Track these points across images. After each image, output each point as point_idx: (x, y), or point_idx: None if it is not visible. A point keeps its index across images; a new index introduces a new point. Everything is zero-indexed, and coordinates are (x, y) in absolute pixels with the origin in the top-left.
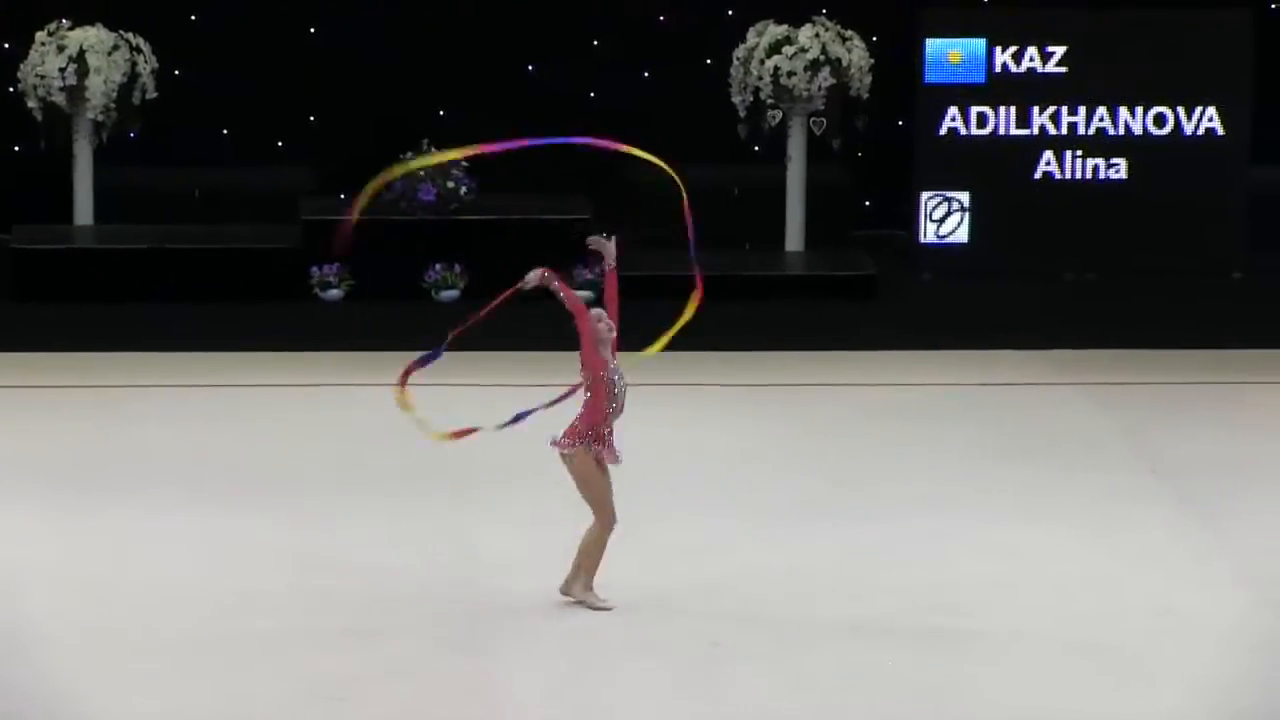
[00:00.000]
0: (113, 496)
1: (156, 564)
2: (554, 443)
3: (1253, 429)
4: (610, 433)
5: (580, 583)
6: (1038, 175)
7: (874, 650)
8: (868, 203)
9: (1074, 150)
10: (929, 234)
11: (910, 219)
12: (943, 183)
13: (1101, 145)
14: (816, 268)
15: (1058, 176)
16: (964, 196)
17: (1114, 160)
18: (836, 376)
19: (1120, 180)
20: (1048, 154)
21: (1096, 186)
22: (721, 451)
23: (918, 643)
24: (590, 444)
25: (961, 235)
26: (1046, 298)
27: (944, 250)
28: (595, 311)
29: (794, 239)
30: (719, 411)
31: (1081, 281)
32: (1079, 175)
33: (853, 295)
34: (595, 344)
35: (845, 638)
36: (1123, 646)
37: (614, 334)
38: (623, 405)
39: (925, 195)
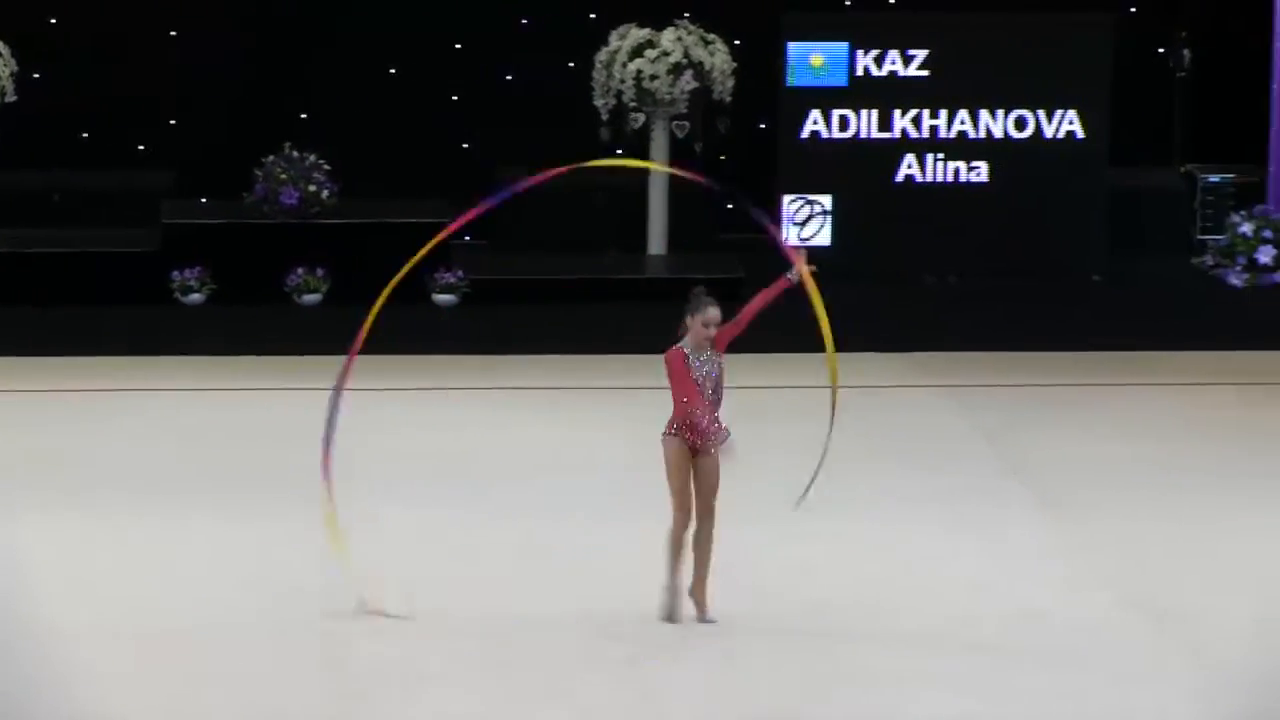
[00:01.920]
0: None
1: None
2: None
3: (1112, 430)
4: (708, 421)
5: (687, 584)
6: (899, 178)
7: (742, 648)
8: (730, 206)
9: (935, 153)
10: (792, 237)
11: (773, 222)
12: (805, 186)
13: (963, 148)
14: (679, 270)
15: (919, 179)
16: (826, 199)
17: (975, 163)
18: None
19: (981, 183)
20: (909, 157)
21: (958, 189)
22: (587, 452)
23: (785, 642)
24: (681, 434)
25: (824, 238)
26: (908, 300)
27: (806, 253)
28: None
29: (657, 242)
30: (584, 414)
31: (943, 284)
32: (940, 178)
33: (718, 298)
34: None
35: (712, 637)
36: (986, 646)
37: (712, 331)
38: (709, 395)
39: (787, 198)
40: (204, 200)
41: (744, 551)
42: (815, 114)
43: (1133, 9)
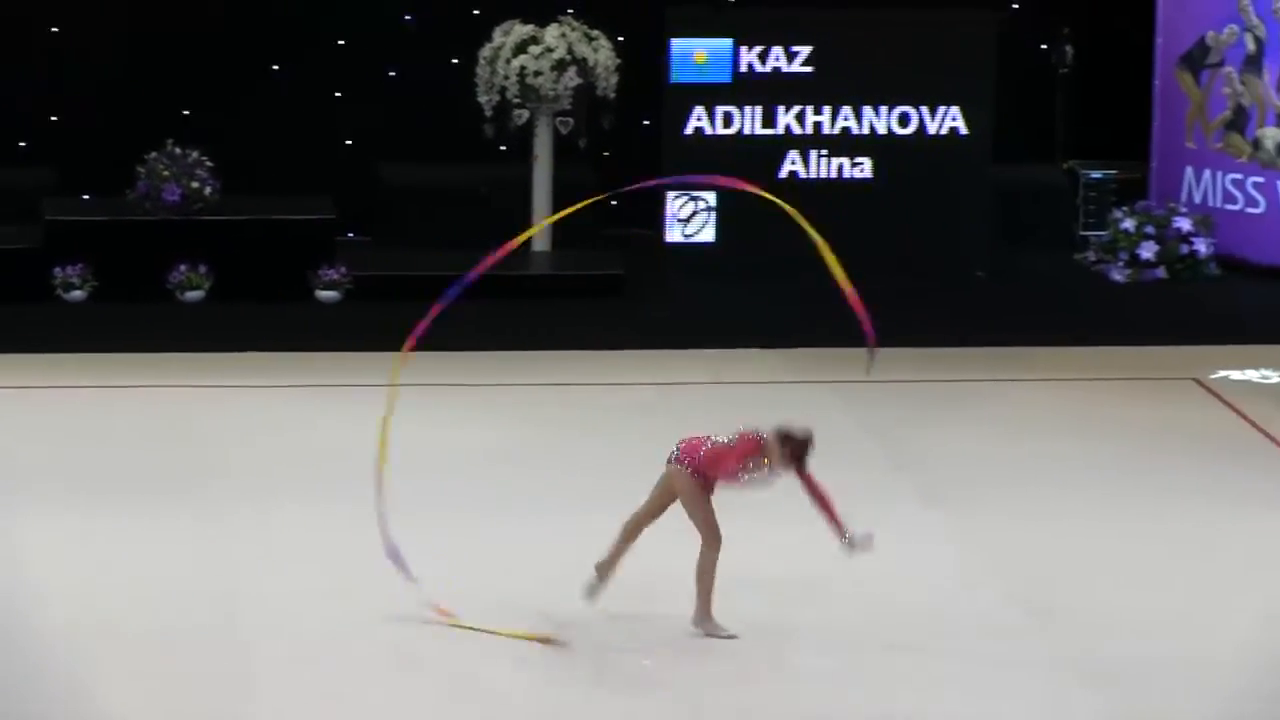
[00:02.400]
0: None
1: None
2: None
3: (996, 426)
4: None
5: (700, 612)
6: (783, 174)
7: (628, 646)
8: (615, 202)
9: (819, 149)
10: (676, 233)
11: (656, 219)
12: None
13: (846, 144)
14: (563, 267)
15: (803, 175)
16: (710, 196)
17: (859, 160)
18: (585, 376)
19: (865, 180)
20: (793, 153)
21: (842, 185)
22: (471, 450)
23: (676, 641)
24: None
25: (708, 235)
26: (792, 296)
27: (690, 250)
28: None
29: (540, 238)
30: (468, 412)
31: (827, 280)
32: (824, 174)
33: (600, 294)
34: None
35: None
36: (872, 642)
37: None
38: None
39: (671, 195)
40: (86, 197)
41: (635, 553)
42: (699, 110)
43: (1016, 6)
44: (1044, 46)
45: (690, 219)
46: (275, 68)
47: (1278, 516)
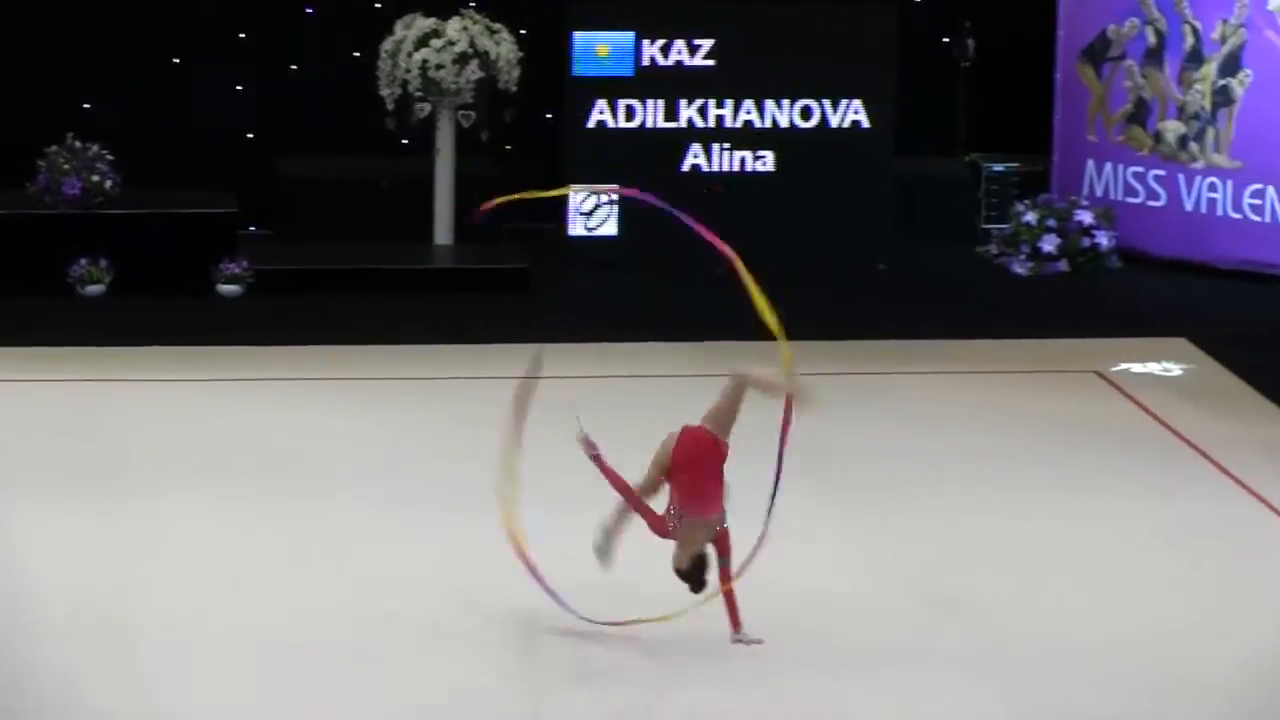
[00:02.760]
0: None
1: None
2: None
3: (898, 420)
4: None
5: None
6: (685, 168)
7: (533, 640)
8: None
9: (721, 143)
10: (578, 227)
11: (559, 212)
12: (591, 176)
13: (749, 138)
14: (465, 261)
15: (705, 169)
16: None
17: (761, 153)
18: (489, 370)
19: (768, 173)
20: (695, 147)
21: (744, 179)
22: (370, 444)
23: (574, 637)
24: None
25: (611, 228)
26: (695, 290)
27: (593, 243)
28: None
29: (443, 232)
30: (367, 405)
31: (729, 273)
32: (726, 167)
33: (503, 288)
34: (644, 508)
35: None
36: (779, 635)
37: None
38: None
39: (574, 188)
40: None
41: (551, 546)
42: (601, 104)
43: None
44: (946, 40)
45: (593, 213)
46: (176, 61)
47: (1177, 507)
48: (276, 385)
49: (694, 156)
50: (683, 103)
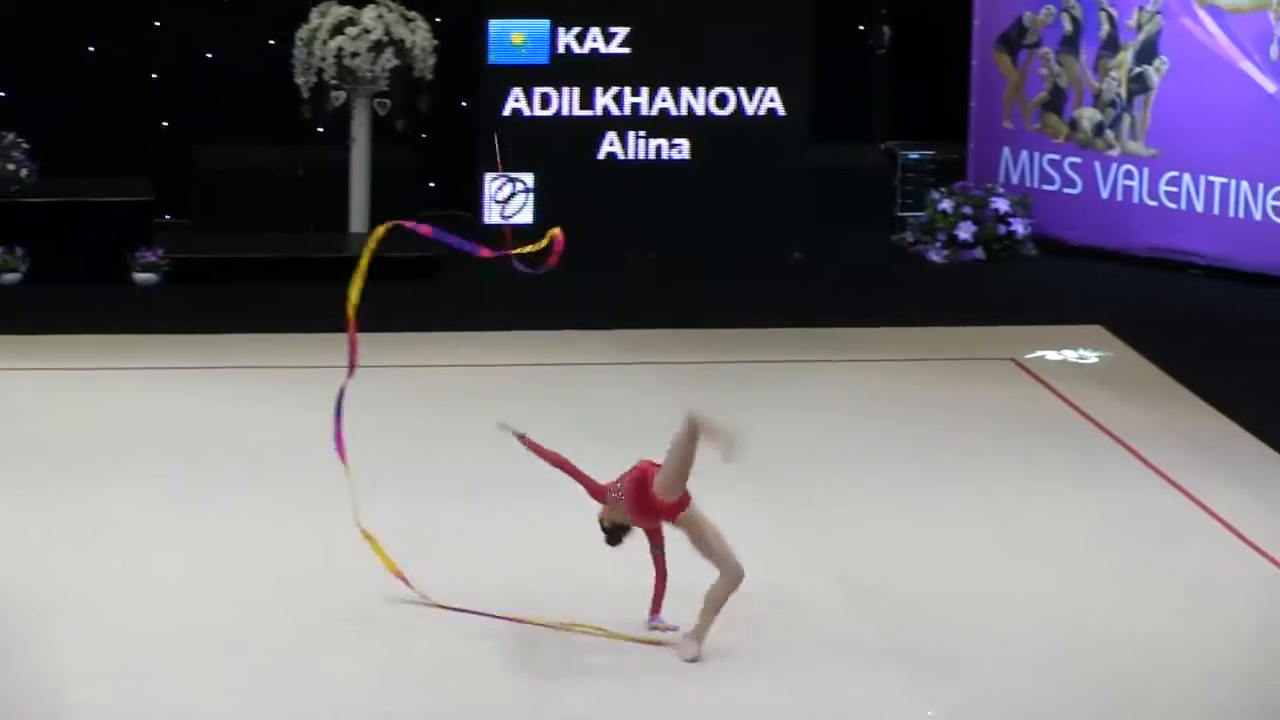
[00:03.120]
0: None
1: None
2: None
3: (814, 407)
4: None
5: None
6: (601, 156)
7: (434, 635)
8: (432, 184)
9: (637, 131)
10: (494, 215)
11: (474, 200)
12: (507, 164)
13: (664, 126)
14: (382, 249)
15: (621, 157)
16: (528, 177)
17: (677, 141)
18: (400, 358)
19: (683, 161)
20: (611, 135)
21: (660, 167)
22: (279, 432)
23: (477, 623)
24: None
25: (526, 216)
26: (611, 278)
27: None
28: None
29: (358, 220)
30: (279, 393)
31: (644, 261)
32: (642, 156)
33: (416, 276)
34: (584, 478)
35: (394, 621)
36: (684, 624)
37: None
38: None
39: (489, 176)
40: None
41: (448, 528)
42: (517, 92)
43: None
44: (861, 27)
45: (508, 201)
46: (91, 49)
47: (1096, 496)
48: (192, 373)
49: (609, 145)
50: (598, 91)
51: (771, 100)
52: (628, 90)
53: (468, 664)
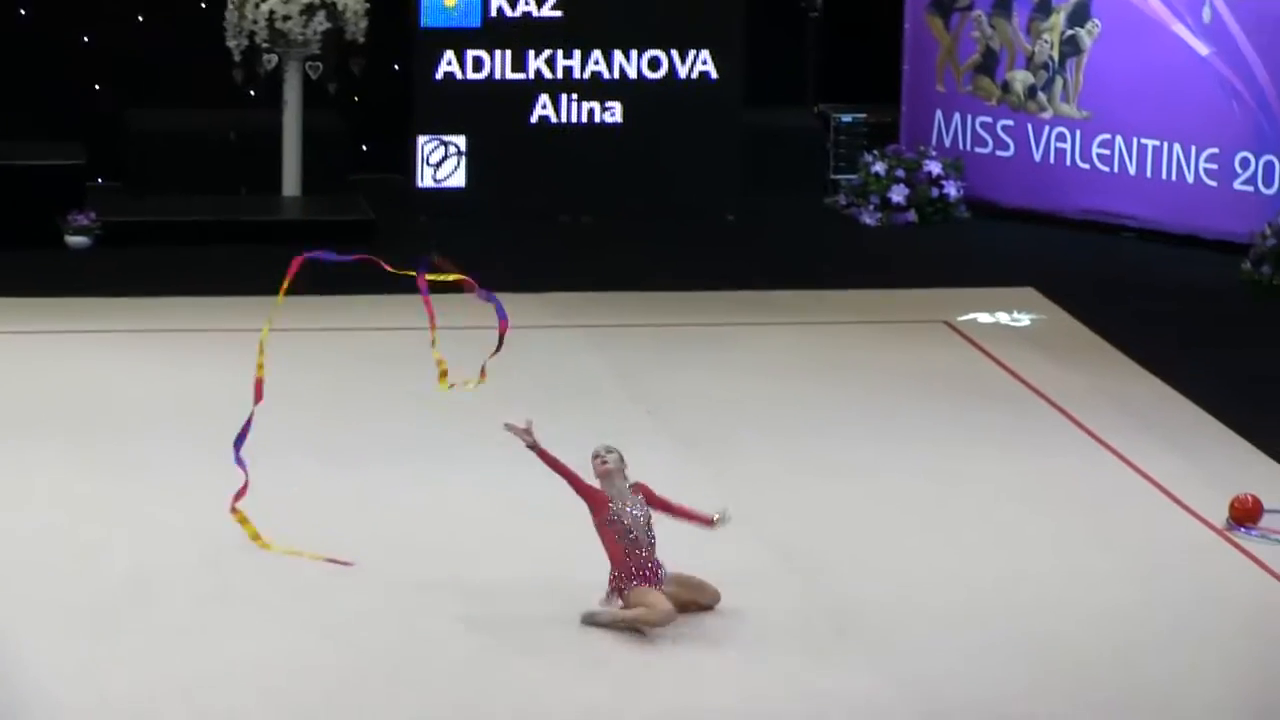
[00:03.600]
0: None
1: None
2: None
3: (746, 370)
4: (651, 567)
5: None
6: (534, 119)
7: (362, 598)
8: (365, 147)
9: (569, 94)
10: (426, 178)
11: (407, 164)
12: (439, 127)
13: (597, 89)
14: (313, 213)
15: (554, 120)
16: (461, 140)
17: (609, 104)
18: (334, 321)
19: (616, 124)
20: (544, 98)
21: (592, 130)
22: (215, 396)
23: (418, 590)
24: (632, 588)
25: (459, 179)
26: (543, 241)
27: (441, 194)
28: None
29: (291, 184)
30: (212, 357)
31: (578, 224)
32: (575, 119)
33: (351, 239)
34: (585, 486)
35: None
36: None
37: (608, 466)
38: (644, 537)
39: (422, 140)
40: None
41: (369, 494)
42: (449, 55)
43: None
44: None
45: (440, 164)
46: (22, 12)
47: (1029, 459)
48: (124, 336)
49: (542, 108)
50: (531, 54)
51: (704, 63)
52: (560, 53)
53: (384, 618)
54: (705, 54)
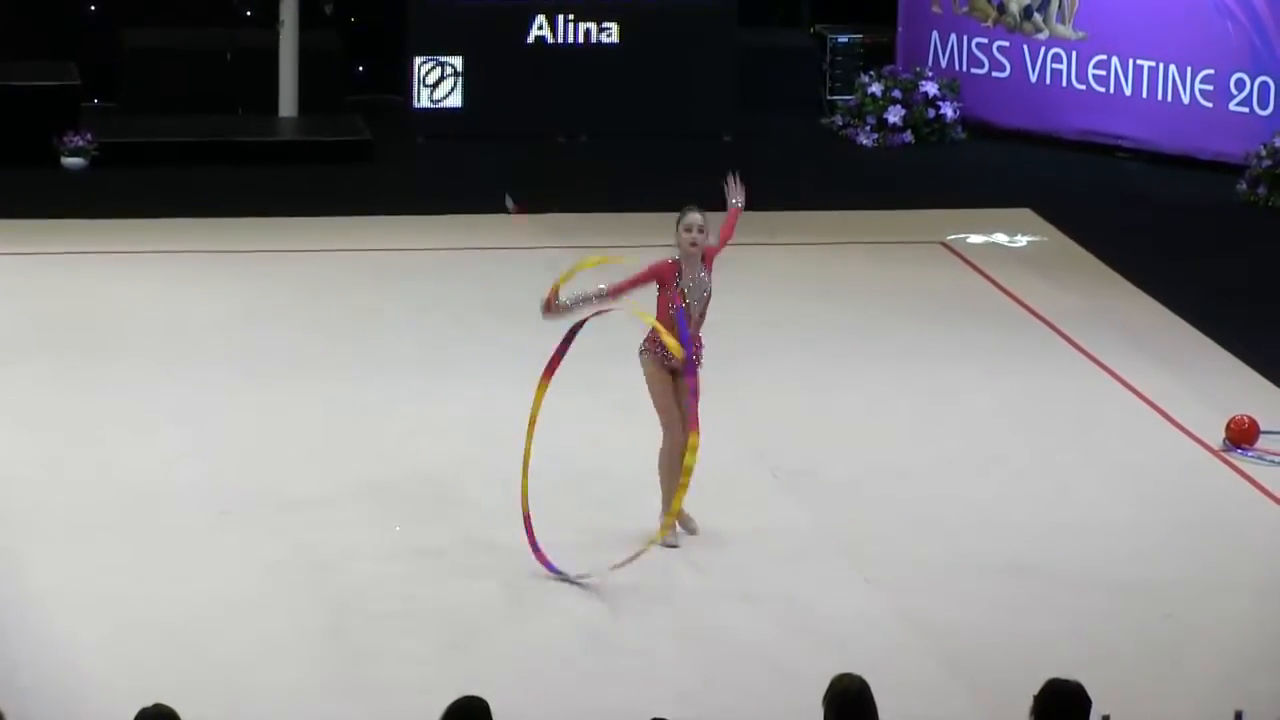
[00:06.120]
0: None
1: None
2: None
3: (744, 290)
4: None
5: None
6: (530, 40)
7: (379, 517)
8: (361, 68)
9: (566, 14)
10: (423, 99)
11: (404, 84)
12: (436, 48)
13: (594, 9)
14: (311, 133)
15: (550, 41)
16: (457, 61)
17: (606, 24)
18: (333, 242)
19: (612, 44)
20: (540, 18)
21: (589, 50)
22: (216, 315)
23: (416, 509)
24: (653, 351)
25: (455, 100)
26: (540, 161)
27: (438, 115)
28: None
29: (287, 104)
30: (214, 276)
31: (575, 144)
32: (571, 40)
33: (348, 160)
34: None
35: (346, 501)
36: (619, 508)
37: (696, 238)
38: (698, 312)
39: (418, 60)
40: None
41: (374, 408)
42: None
43: None
44: None
45: (437, 85)
46: None
47: (1023, 378)
48: (122, 258)
49: (539, 28)
50: None
51: None
52: None
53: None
54: None
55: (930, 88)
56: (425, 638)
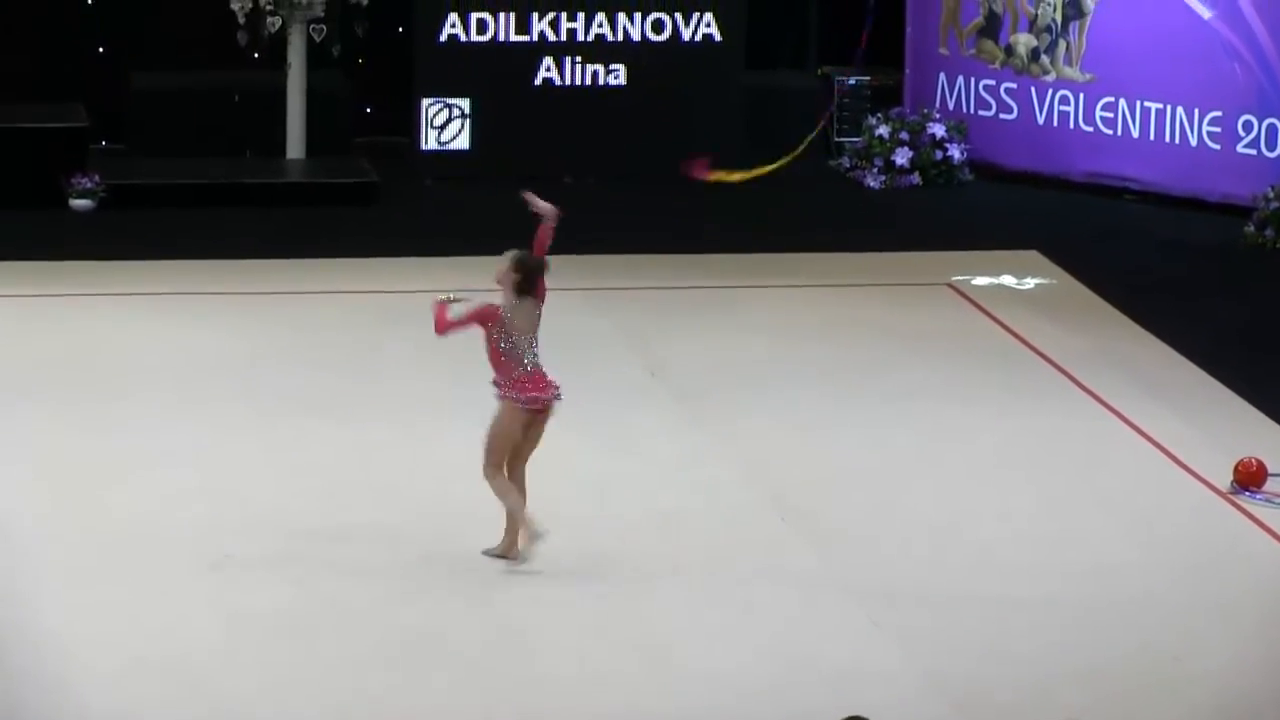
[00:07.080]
0: None
1: None
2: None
3: (752, 332)
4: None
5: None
6: (538, 81)
7: (382, 557)
8: (369, 110)
9: (573, 57)
10: (430, 141)
11: (411, 126)
12: (443, 89)
13: (601, 51)
14: (318, 175)
15: (558, 83)
16: (464, 103)
17: (613, 66)
18: (339, 283)
19: (620, 86)
20: (547, 60)
21: (596, 92)
22: (223, 356)
23: (402, 542)
24: (519, 398)
25: (463, 142)
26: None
27: (445, 157)
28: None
29: (295, 146)
30: (221, 317)
31: (581, 186)
32: (578, 81)
33: (354, 202)
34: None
35: (350, 541)
36: (627, 549)
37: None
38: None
39: (426, 102)
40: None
41: (364, 453)
42: (453, 17)
43: None
44: None
45: (445, 126)
46: None
47: (1032, 420)
48: (129, 299)
49: (546, 70)
50: (534, 16)
51: (707, 25)
52: (564, 15)
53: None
54: (709, 16)
55: (938, 129)
56: (429, 677)
